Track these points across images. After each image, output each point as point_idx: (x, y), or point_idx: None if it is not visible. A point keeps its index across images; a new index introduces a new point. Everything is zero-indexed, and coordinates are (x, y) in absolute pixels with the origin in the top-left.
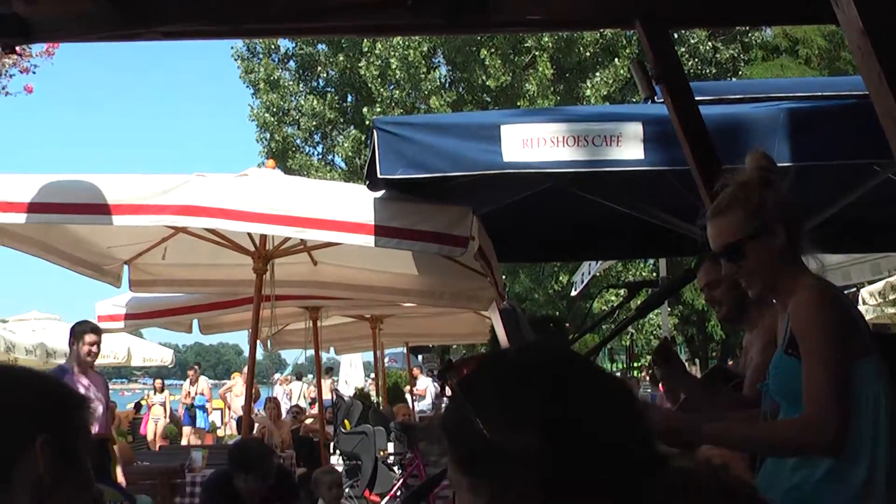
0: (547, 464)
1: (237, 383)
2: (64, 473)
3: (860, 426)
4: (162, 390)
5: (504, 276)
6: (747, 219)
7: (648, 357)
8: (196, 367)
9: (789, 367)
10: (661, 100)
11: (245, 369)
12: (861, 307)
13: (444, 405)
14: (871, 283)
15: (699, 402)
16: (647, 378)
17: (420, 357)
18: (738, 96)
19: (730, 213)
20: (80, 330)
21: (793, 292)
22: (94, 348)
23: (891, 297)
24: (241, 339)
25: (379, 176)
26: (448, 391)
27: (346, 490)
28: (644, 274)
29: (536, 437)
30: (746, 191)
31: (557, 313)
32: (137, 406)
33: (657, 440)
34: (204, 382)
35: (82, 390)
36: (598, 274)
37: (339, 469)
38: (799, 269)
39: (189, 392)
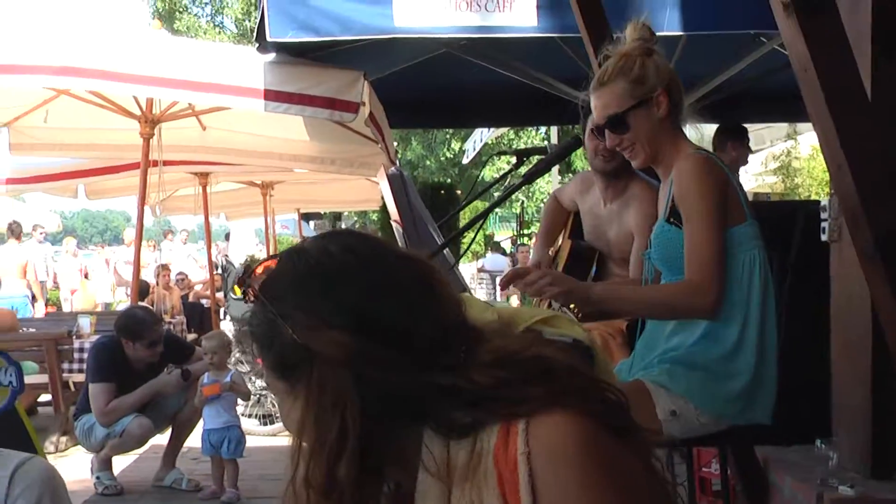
0: (359, 360)
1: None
2: None
3: (735, 288)
4: None
5: (396, 143)
6: (630, 89)
7: (538, 224)
8: None
9: (671, 235)
10: None
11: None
12: (743, 176)
13: (250, 311)
14: (753, 153)
15: None
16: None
17: (312, 224)
18: None
19: (612, 83)
20: None
21: (674, 161)
22: None
23: (771, 167)
24: (129, 205)
25: (268, 38)
26: (251, 296)
27: (237, 354)
28: (535, 142)
29: (345, 335)
30: (628, 61)
31: (449, 180)
32: None
33: (466, 315)
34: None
35: None
36: (489, 141)
37: (230, 334)
38: (680, 138)
39: None
